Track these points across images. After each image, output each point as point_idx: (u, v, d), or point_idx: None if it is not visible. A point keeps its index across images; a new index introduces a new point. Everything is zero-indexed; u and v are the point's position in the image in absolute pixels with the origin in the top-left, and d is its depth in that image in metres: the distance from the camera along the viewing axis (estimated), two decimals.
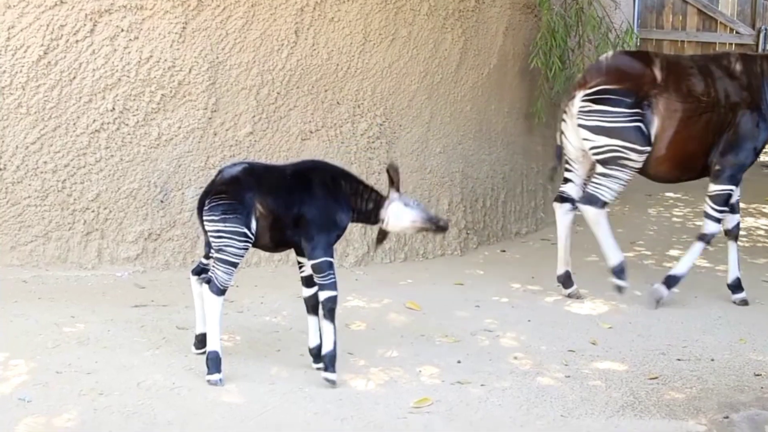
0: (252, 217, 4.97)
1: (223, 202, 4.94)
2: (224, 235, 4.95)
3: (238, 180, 5.02)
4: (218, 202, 4.94)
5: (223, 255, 4.98)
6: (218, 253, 4.99)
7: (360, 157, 7.91)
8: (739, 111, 6.86)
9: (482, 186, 8.99)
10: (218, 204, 4.94)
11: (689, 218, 10.77)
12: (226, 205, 4.93)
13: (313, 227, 5.06)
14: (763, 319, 6.83)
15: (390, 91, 8.10)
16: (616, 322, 6.60)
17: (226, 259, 4.99)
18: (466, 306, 6.85)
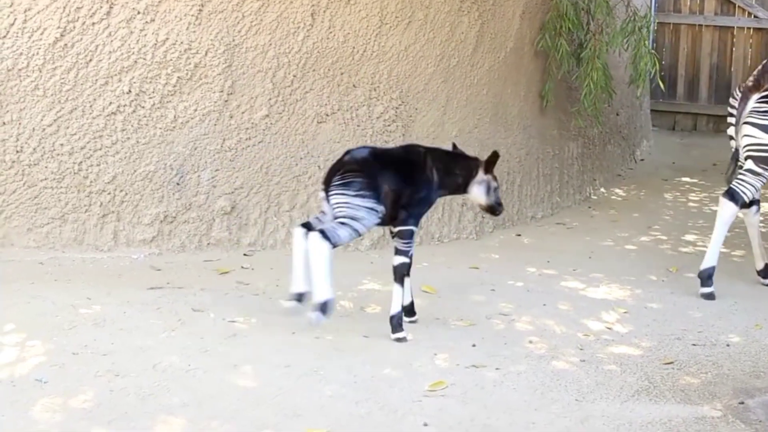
0: (381, 196, 5.47)
1: (359, 179, 5.43)
2: (360, 207, 5.42)
3: (369, 162, 5.56)
4: (353, 179, 5.43)
5: (355, 223, 5.44)
6: (350, 219, 5.43)
7: (376, 140, 7.89)
8: None
9: (498, 170, 8.85)
10: (353, 181, 5.43)
11: (705, 203, 10.73)
12: (361, 183, 5.43)
13: (414, 202, 5.64)
14: None
15: (406, 74, 8.09)
16: (632, 307, 6.59)
17: (355, 226, 5.45)
18: (482, 290, 6.84)
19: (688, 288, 7.10)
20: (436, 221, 8.23)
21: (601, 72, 9.42)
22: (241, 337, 5.51)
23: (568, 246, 7.96)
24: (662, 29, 16.11)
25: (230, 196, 7.31)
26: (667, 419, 4.73)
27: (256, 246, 7.38)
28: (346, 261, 7.36)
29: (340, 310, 6.17)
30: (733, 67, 16.19)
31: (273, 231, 7.44)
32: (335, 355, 5.31)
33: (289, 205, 7.52)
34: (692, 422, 4.71)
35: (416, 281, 6.79)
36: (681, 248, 8.45)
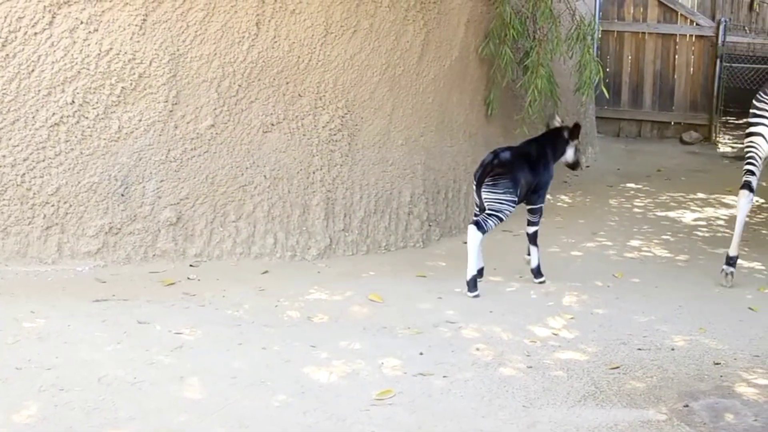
0: (519, 188, 7.05)
1: (504, 180, 7.01)
2: (504, 201, 6.99)
3: (512, 163, 7.10)
4: (500, 180, 7.02)
5: (500, 214, 7.00)
6: (496, 212, 6.99)
7: (322, 149, 7.89)
8: None
9: (444, 178, 9.00)
10: (500, 181, 7.01)
11: (650, 209, 10.85)
12: (506, 182, 7.02)
13: (542, 185, 7.30)
14: (723, 308, 6.90)
15: (352, 83, 8.09)
16: (578, 313, 6.64)
17: (500, 216, 7.01)
18: (429, 298, 6.86)
19: (633, 293, 7.17)
20: (382, 230, 8.25)
21: (546, 80, 9.48)
22: (188, 348, 5.47)
23: (515, 253, 7.98)
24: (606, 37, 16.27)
25: (176, 206, 7.26)
26: (613, 423, 4.77)
27: (202, 257, 7.34)
28: (292, 270, 7.39)
29: (286, 320, 6.17)
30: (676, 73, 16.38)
31: (219, 241, 7.40)
32: (282, 366, 5.29)
33: (236, 215, 7.48)
34: (638, 426, 4.75)
35: (363, 290, 6.84)
36: (626, 254, 8.52)
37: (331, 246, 7.89)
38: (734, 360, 5.76)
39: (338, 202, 8.01)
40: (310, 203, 7.82)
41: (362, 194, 8.18)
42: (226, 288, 6.75)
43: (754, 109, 7.90)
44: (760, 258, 8.46)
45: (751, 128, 7.91)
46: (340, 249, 7.96)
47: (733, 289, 7.42)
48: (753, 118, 7.90)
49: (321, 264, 7.66)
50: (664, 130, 16.64)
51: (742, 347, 6.00)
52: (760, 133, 7.82)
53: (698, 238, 9.41)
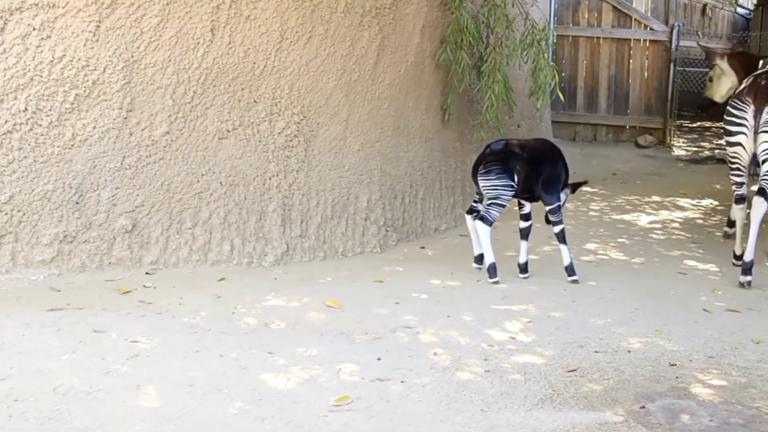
0: (514, 174, 7.39)
1: (496, 166, 7.39)
2: (499, 187, 7.39)
3: (504, 151, 7.48)
4: (492, 167, 7.41)
5: (498, 200, 7.41)
6: (494, 199, 7.42)
7: (278, 155, 7.88)
8: None
9: (401, 183, 9.02)
10: (492, 168, 7.41)
11: (606, 212, 10.94)
12: (499, 168, 7.39)
13: (550, 183, 7.58)
14: (678, 310, 6.95)
15: (307, 89, 8.09)
16: (535, 317, 6.66)
17: (499, 203, 7.43)
18: (386, 303, 6.86)
19: (589, 296, 7.22)
20: (339, 236, 8.26)
21: (502, 84, 9.51)
22: (144, 357, 5.43)
23: (472, 258, 8.00)
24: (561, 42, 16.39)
25: (131, 214, 7.22)
26: (570, 426, 4.79)
27: (158, 264, 7.29)
28: (249, 276, 7.37)
29: (243, 327, 6.14)
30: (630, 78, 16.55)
31: (175, 249, 7.36)
32: (239, 373, 5.27)
33: (192, 222, 7.45)
34: (595, 428, 4.78)
35: (320, 296, 6.83)
36: (582, 257, 8.56)
37: (288, 252, 7.88)
38: (690, 361, 5.81)
39: (295, 208, 8.00)
40: (266, 209, 7.81)
41: (319, 200, 8.18)
42: (183, 295, 6.72)
43: (731, 117, 8.09)
44: (714, 260, 8.54)
45: (731, 137, 8.12)
46: (297, 255, 7.95)
47: (688, 291, 7.49)
48: (732, 126, 8.09)
49: (278, 270, 7.65)
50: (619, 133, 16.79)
51: (697, 348, 6.06)
52: (740, 142, 8.04)
53: (653, 240, 9.48)
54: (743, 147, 8.04)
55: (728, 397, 5.24)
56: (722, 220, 10.45)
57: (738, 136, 8.05)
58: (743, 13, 23.94)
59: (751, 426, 4.85)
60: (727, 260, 8.47)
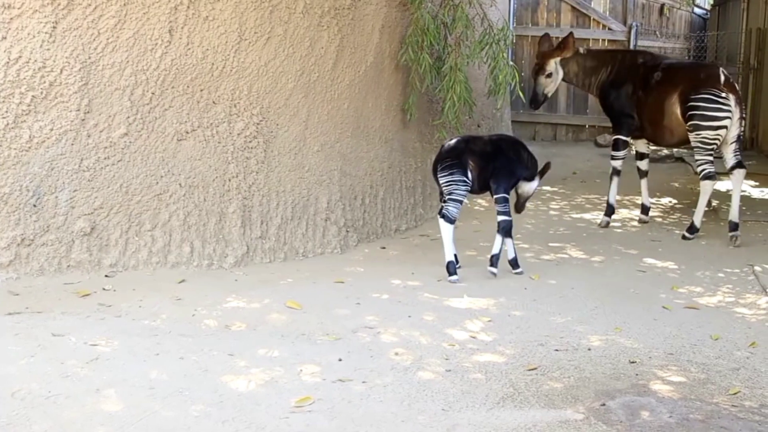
0: (467, 170, 7.60)
1: (449, 162, 7.62)
2: (452, 183, 7.58)
3: (458, 147, 7.71)
4: (446, 163, 7.63)
5: (453, 196, 7.58)
6: (449, 195, 7.58)
7: (237, 156, 7.87)
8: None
9: (361, 183, 9.03)
10: (446, 164, 7.62)
11: (566, 210, 11.01)
12: (452, 164, 7.61)
13: (500, 175, 7.73)
14: (638, 307, 7.01)
15: (266, 90, 8.08)
16: (495, 316, 6.69)
17: (455, 198, 7.60)
18: (347, 303, 6.86)
19: (550, 294, 7.26)
20: (300, 237, 8.26)
21: (463, 84, 9.53)
22: (104, 360, 5.41)
23: (432, 257, 8.03)
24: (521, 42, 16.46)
25: (90, 216, 7.17)
26: (531, 424, 4.82)
27: (117, 267, 7.26)
28: (209, 278, 7.35)
29: (204, 329, 6.13)
30: None
31: (135, 251, 7.32)
32: (200, 375, 5.26)
33: (151, 224, 7.41)
34: (556, 426, 4.81)
35: (281, 297, 6.82)
36: (543, 256, 8.61)
37: (249, 254, 7.87)
38: (649, 358, 5.86)
39: (255, 209, 7.99)
40: (226, 211, 7.79)
41: (279, 201, 8.17)
42: (143, 298, 6.69)
43: (717, 104, 9.24)
44: (673, 257, 8.61)
45: (717, 122, 9.22)
46: (258, 256, 7.94)
47: (647, 288, 7.55)
48: (720, 112, 9.22)
49: (238, 272, 7.64)
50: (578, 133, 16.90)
51: (656, 345, 6.11)
52: (725, 126, 9.23)
53: (613, 239, 9.54)
54: (727, 130, 9.24)
55: (687, 393, 5.29)
56: (681, 218, 10.54)
57: (725, 121, 9.19)
58: (700, 13, 24.17)
59: (710, 422, 4.91)
60: (686, 258, 8.56)
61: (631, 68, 9.96)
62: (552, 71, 10.25)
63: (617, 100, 9.97)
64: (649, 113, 9.71)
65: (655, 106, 9.61)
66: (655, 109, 9.63)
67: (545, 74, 10.28)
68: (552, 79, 10.29)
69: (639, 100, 9.77)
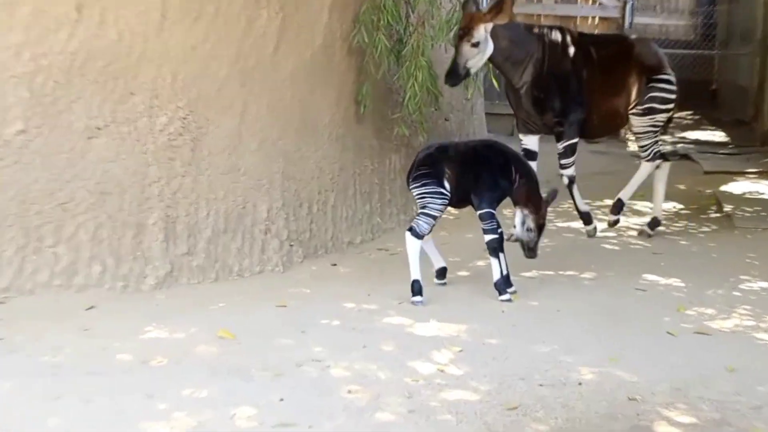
0: (444, 180, 7.60)
1: (423, 172, 7.65)
2: (426, 195, 7.62)
3: (433, 155, 7.73)
4: (419, 173, 7.66)
5: (427, 210, 7.62)
6: (423, 209, 7.63)
7: (159, 157, 7.77)
8: None
9: (307, 188, 8.97)
10: (419, 174, 7.65)
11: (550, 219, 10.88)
12: (426, 174, 7.63)
13: (482, 187, 7.72)
14: (638, 332, 6.96)
15: (195, 78, 8.00)
16: (468, 344, 6.61)
17: (428, 212, 7.63)
18: (291, 332, 6.78)
19: (532, 318, 7.22)
20: (234, 252, 8.19)
21: (426, 71, 9.48)
22: None
23: (392, 275, 7.96)
24: None
25: None
26: None
27: (11, 291, 7.15)
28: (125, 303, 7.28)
29: (117, 365, 6.05)
30: None
31: (33, 272, 7.22)
32: (113, 421, 5.16)
33: (53, 239, 7.31)
34: None
35: (212, 325, 6.74)
36: (522, 273, 8.53)
37: (173, 273, 7.78)
38: (652, 394, 5.81)
39: (180, 220, 7.90)
40: (145, 222, 7.69)
41: (209, 210, 8.09)
42: (42, 329, 6.58)
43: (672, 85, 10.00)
44: (679, 273, 8.58)
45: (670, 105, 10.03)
46: (184, 276, 7.86)
47: (648, 310, 7.51)
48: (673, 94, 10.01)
49: (160, 295, 7.55)
50: None
51: (660, 378, 6.05)
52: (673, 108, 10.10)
53: (606, 251, 9.53)
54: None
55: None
56: (688, 226, 10.55)
57: (674, 104, 10.09)
58: None
59: None
60: (694, 273, 8.54)
61: (568, 47, 9.73)
62: (480, 40, 9.15)
63: (564, 91, 9.69)
64: (598, 101, 9.81)
65: (604, 91, 9.82)
66: (602, 96, 9.80)
67: (471, 42, 9.14)
68: (479, 50, 9.22)
69: (586, 87, 9.74)
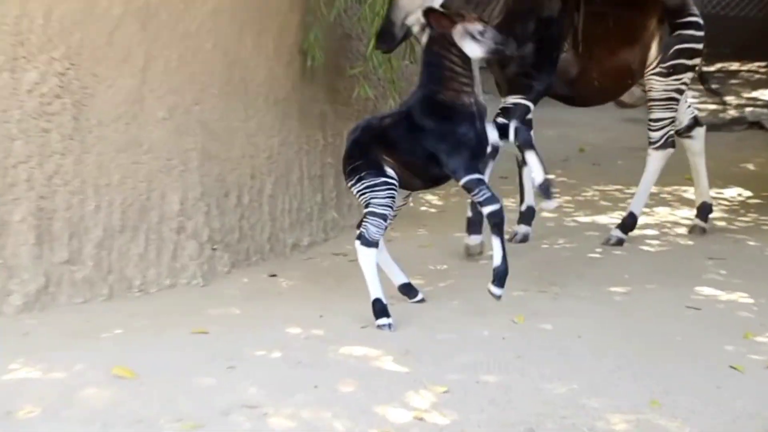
0: (384, 166, 7.71)
1: (353, 165, 7.79)
2: (366, 191, 7.72)
3: (360, 139, 7.87)
4: (351, 165, 7.81)
5: (372, 209, 7.70)
6: (367, 209, 7.72)
7: (29, 128, 7.77)
8: None
9: (236, 171, 9.02)
10: (351, 166, 7.81)
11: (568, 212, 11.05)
12: (357, 168, 7.75)
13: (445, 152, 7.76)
14: (688, 368, 6.98)
15: (76, 17, 8.00)
16: (456, 383, 6.60)
17: (375, 211, 7.69)
18: (213, 368, 6.77)
19: (543, 348, 7.24)
20: (135, 260, 8.24)
21: None
22: None
23: (353, 290, 7.95)
24: None
25: None
26: None
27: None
28: None
29: None
30: None
31: None
32: None
33: None
34: None
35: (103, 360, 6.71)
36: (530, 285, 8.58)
37: (48, 289, 7.79)
38: None
39: (59, 215, 7.92)
40: (9, 219, 7.71)
41: (99, 202, 8.13)
42: None
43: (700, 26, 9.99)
44: (746, 286, 8.62)
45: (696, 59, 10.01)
46: (64, 293, 7.88)
47: (703, 336, 7.53)
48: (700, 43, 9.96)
49: (30, 320, 7.56)
50: None
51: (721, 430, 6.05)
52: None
53: (645, 255, 9.56)
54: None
55: None
56: (758, 221, 10.60)
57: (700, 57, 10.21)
58: None
59: None
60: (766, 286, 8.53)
61: None
62: None
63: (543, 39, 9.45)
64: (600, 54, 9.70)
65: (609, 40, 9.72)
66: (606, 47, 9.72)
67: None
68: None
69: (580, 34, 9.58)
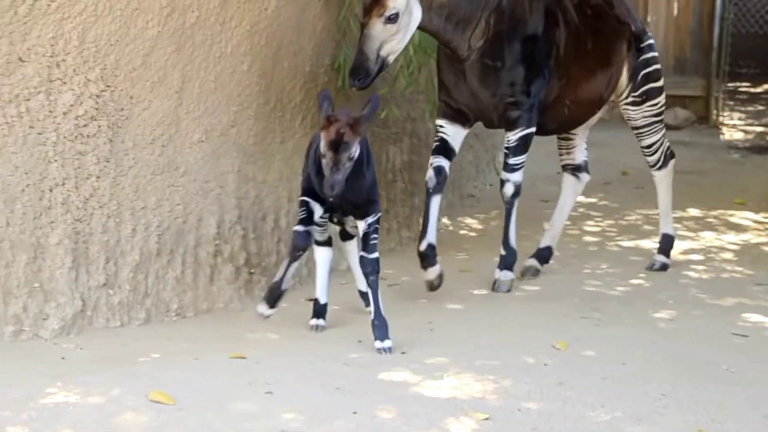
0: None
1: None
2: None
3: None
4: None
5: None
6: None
7: (64, 150, 7.80)
8: None
9: (273, 194, 9.06)
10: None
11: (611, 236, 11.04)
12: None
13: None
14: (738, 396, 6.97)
15: (112, 38, 8.03)
16: (497, 410, 6.62)
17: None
18: (252, 393, 6.80)
19: (586, 374, 7.25)
20: (172, 283, 8.21)
21: None
22: None
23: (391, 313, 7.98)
24: None
25: None
26: None
27: None
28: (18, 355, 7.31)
29: None
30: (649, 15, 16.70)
31: None
32: None
33: None
34: None
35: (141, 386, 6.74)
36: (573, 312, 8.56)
37: (85, 313, 7.83)
38: None
39: (95, 238, 7.96)
40: (46, 243, 7.74)
41: (136, 224, 8.16)
42: None
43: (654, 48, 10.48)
44: None
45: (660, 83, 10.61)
46: (101, 317, 7.93)
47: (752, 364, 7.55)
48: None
49: (67, 344, 7.60)
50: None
51: None
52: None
53: (691, 281, 9.56)
54: None
55: None
56: None
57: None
58: None
59: None
60: None
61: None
62: (399, 10, 8.41)
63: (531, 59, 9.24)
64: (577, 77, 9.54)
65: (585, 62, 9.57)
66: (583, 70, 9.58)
67: (384, 15, 8.41)
68: (398, 27, 8.50)
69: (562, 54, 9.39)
